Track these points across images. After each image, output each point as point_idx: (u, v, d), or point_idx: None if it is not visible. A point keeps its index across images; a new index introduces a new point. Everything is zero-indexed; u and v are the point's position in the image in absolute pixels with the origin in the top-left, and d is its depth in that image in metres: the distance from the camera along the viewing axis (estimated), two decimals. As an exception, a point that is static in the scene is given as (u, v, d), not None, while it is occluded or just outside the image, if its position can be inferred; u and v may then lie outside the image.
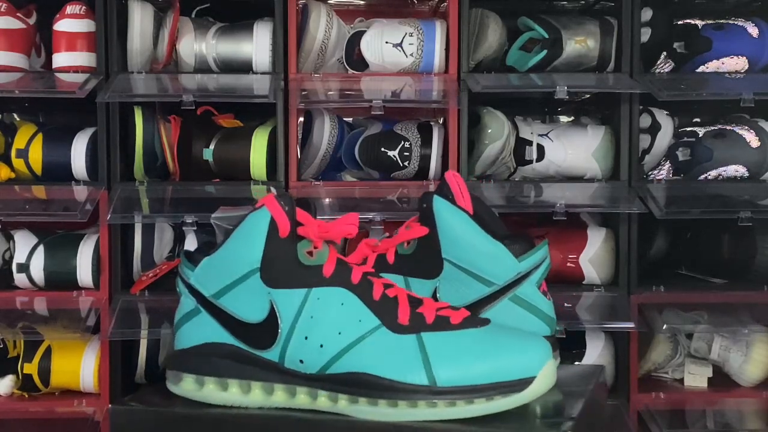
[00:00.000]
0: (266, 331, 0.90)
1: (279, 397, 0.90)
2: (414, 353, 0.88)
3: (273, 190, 1.42)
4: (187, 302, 0.94)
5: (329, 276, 0.90)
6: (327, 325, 0.89)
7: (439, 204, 1.01)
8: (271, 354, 0.90)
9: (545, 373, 0.88)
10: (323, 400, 0.89)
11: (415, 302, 0.91)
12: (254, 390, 0.91)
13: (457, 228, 1.01)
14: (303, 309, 0.89)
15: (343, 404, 0.88)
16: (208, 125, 1.60)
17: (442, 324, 0.90)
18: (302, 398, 0.90)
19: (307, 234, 0.91)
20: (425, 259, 1.02)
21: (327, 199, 1.53)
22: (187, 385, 0.92)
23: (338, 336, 0.88)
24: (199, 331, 0.93)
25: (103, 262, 1.51)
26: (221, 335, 0.91)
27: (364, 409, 0.88)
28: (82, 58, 1.54)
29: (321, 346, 0.88)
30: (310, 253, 0.90)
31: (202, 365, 0.92)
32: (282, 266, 0.90)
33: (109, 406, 0.92)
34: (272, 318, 0.89)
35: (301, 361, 0.89)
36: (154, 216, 1.51)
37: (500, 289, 1.02)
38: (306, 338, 0.88)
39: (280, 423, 0.90)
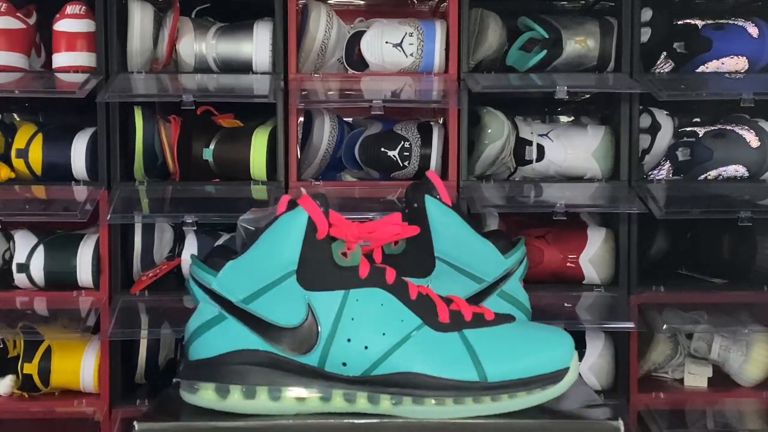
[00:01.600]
0: (304, 334, 0.87)
1: (314, 402, 0.87)
2: (461, 350, 0.89)
3: (304, 190, 1.37)
4: (207, 309, 0.89)
5: (365, 277, 0.89)
6: (370, 327, 0.88)
7: (432, 204, 1.02)
8: (310, 358, 0.87)
9: (575, 364, 0.91)
10: (364, 402, 0.88)
11: (446, 301, 0.92)
12: (289, 396, 0.87)
13: (450, 227, 1.02)
14: (343, 311, 0.87)
15: (386, 405, 0.88)
16: (208, 125, 1.60)
17: (479, 321, 0.91)
18: (340, 402, 0.88)
19: (344, 235, 0.89)
20: (417, 258, 1.02)
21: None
22: (207, 395, 0.87)
23: (383, 337, 0.88)
24: (225, 338, 0.88)
25: (103, 262, 1.51)
26: (252, 341, 0.87)
27: (409, 409, 0.87)
28: (82, 58, 1.54)
29: (365, 347, 0.87)
30: (344, 254, 0.89)
31: (229, 373, 0.87)
32: (319, 268, 0.88)
33: (135, 425, 0.87)
34: (310, 321, 0.87)
35: (344, 364, 0.87)
36: (154, 216, 1.51)
37: (489, 286, 1.03)
38: (349, 340, 0.87)
39: (322, 430, 0.88)
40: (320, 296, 0.87)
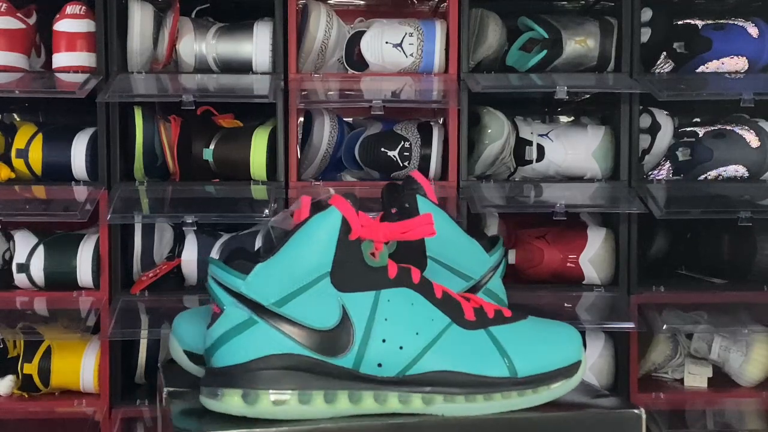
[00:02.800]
0: (338, 336, 0.86)
1: (344, 404, 0.86)
2: (490, 347, 0.90)
3: (332, 190, 1.35)
4: (235, 314, 0.85)
5: (394, 277, 0.89)
6: (404, 327, 0.88)
7: (423, 203, 1.02)
8: (345, 360, 0.86)
9: (584, 357, 0.93)
10: (394, 403, 0.88)
11: (465, 299, 0.93)
12: (321, 401, 0.86)
13: (441, 226, 1.02)
14: (376, 312, 0.87)
15: (416, 404, 0.88)
16: (208, 125, 1.60)
17: (501, 318, 0.93)
18: (370, 403, 0.87)
19: (374, 235, 0.89)
20: (408, 257, 1.02)
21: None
22: (233, 401, 0.84)
23: (416, 336, 0.88)
24: (257, 343, 0.85)
25: (103, 262, 1.51)
26: (285, 345, 0.85)
27: (440, 407, 0.88)
28: (82, 58, 1.54)
29: (400, 347, 0.87)
30: (373, 255, 0.88)
31: (261, 379, 0.84)
32: (351, 269, 0.87)
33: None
34: (345, 323, 0.86)
35: (380, 365, 0.87)
36: (154, 216, 1.51)
37: (476, 284, 1.05)
38: (384, 341, 0.86)
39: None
40: (353, 297, 0.87)
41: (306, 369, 0.85)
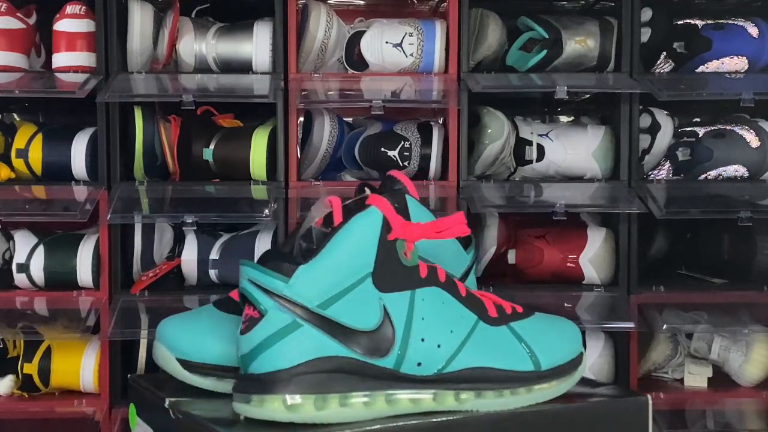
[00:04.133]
0: (381, 337, 0.85)
1: (382, 405, 0.86)
2: (515, 343, 0.92)
3: (368, 190, 1.31)
4: (278, 318, 0.83)
5: (425, 276, 0.89)
6: (439, 325, 0.88)
7: (412, 203, 1.02)
8: (387, 361, 0.86)
9: (583, 348, 0.97)
10: (429, 401, 0.88)
11: (482, 296, 0.95)
12: (365, 402, 0.85)
13: None
14: (413, 311, 0.87)
15: (449, 402, 0.89)
16: (208, 125, 1.60)
17: (516, 314, 0.95)
18: (406, 403, 0.87)
19: (408, 234, 0.89)
20: None
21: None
22: (275, 407, 0.82)
23: (451, 334, 0.89)
24: (303, 346, 0.83)
25: (103, 262, 1.51)
26: (331, 348, 0.84)
27: (471, 404, 0.89)
28: (82, 58, 1.54)
29: (438, 346, 0.88)
30: (405, 254, 0.89)
31: (310, 383, 0.83)
32: (390, 269, 0.87)
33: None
34: (386, 323, 0.86)
35: (419, 364, 0.87)
36: (154, 216, 1.51)
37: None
38: (423, 340, 0.87)
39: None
40: (393, 297, 0.87)
41: (351, 371, 0.84)
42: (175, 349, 0.97)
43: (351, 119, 1.74)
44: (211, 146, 1.56)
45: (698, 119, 1.78)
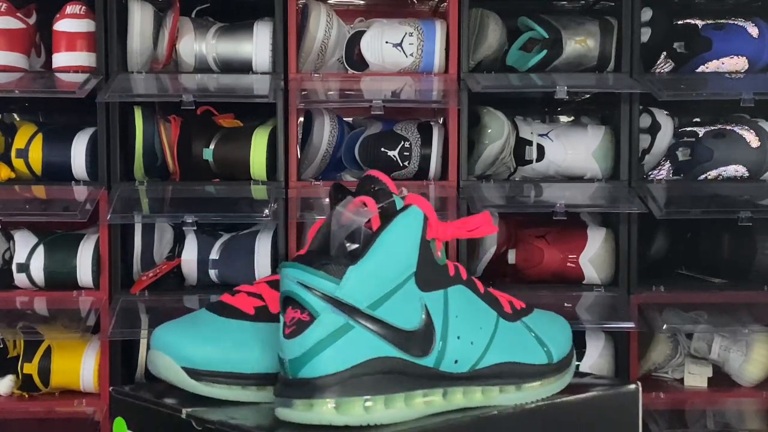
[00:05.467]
0: (423, 336, 0.86)
1: (420, 405, 0.86)
2: (530, 337, 0.95)
3: (406, 191, 1.28)
4: (331, 320, 0.82)
5: (453, 275, 0.90)
6: (470, 322, 0.89)
7: (400, 202, 1.02)
8: (429, 359, 0.86)
9: None
10: (459, 398, 0.89)
11: (495, 293, 0.97)
12: (402, 402, 0.85)
13: None
14: (448, 309, 0.88)
15: (477, 398, 0.90)
16: (208, 125, 1.60)
17: (524, 309, 0.97)
18: (439, 400, 0.88)
19: (441, 233, 0.89)
20: None
21: (327, 200, 1.53)
22: (325, 410, 0.81)
23: (481, 331, 0.90)
24: (355, 348, 0.82)
25: (103, 262, 1.51)
26: (382, 349, 0.83)
27: (496, 398, 0.91)
28: (82, 58, 1.54)
29: (471, 343, 0.89)
30: (437, 253, 0.89)
31: (363, 385, 0.82)
32: (428, 268, 0.87)
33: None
34: (427, 322, 0.86)
35: (456, 362, 0.88)
36: (154, 216, 1.51)
37: None
38: (458, 338, 0.88)
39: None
40: (431, 296, 0.87)
41: (399, 372, 0.84)
42: (180, 358, 0.94)
43: (351, 119, 1.74)
44: (211, 146, 1.56)
45: (698, 119, 1.78)
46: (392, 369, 0.84)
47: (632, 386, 1.02)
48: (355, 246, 0.85)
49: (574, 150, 1.60)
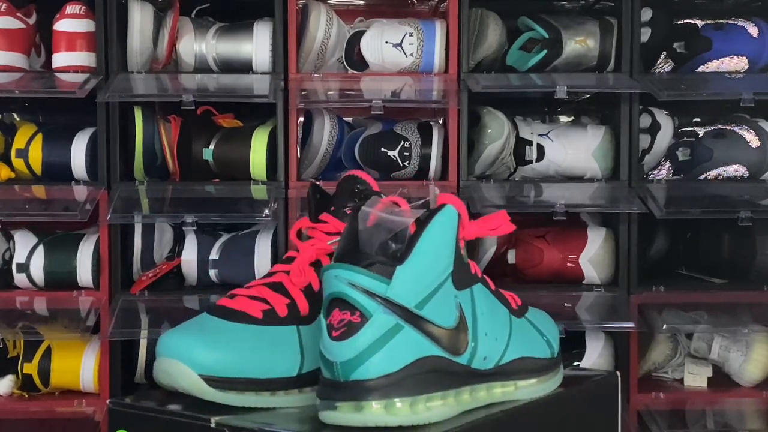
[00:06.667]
0: (459, 334, 0.86)
1: (452, 404, 0.86)
2: (536, 332, 0.97)
3: (437, 190, 1.27)
4: (382, 321, 0.81)
5: (473, 273, 0.91)
6: (492, 319, 0.91)
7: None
8: (463, 357, 0.86)
9: None
10: (483, 394, 0.90)
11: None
12: (439, 400, 0.85)
13: None
14: (475, 307, 0.89)
15: (497, 393, 0.91)
16: (208, 125, 1.60)
17: (524, 305, 0.99)
18: (467, 397, 0.88)
19: (467, 233, 0.90)
20: None
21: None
22: (373, 411, 0.80)
23: (502, 327, 0.92)
24: (406, 348, 0.82)
25: (103, 262, 1.51)
26: (429, 348, 0.83)
27: (512, 393, 0.92)
28: (82, 58, 1.54)
29: (496, 339, 0.90)
30: (462, 252, 0.90)
31: (416, 384, 0.82)
32: (460, 267, 0.88)
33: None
34: (462, 320, 0.87)
35: (485, 358, 0.89)
36: (154, 216, 1.51)
37: None
38: (486, 334, 0.89)
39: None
40: (463, 294, 0.88)
41: (441, 370, 0.85)
42: (196, 365, 0.90)
43: (351, 119, 1.74)
44: (211, 146, 1.56)
45: (698, 119, 1.78)
46: (436, 368, 0.84)
47: (612, 374, 1.06)
48: (398, 246, 0.86)
49: (574, 150, 1.60)
